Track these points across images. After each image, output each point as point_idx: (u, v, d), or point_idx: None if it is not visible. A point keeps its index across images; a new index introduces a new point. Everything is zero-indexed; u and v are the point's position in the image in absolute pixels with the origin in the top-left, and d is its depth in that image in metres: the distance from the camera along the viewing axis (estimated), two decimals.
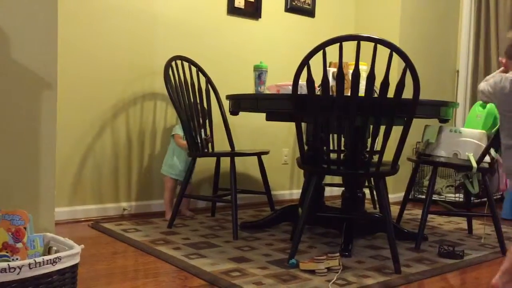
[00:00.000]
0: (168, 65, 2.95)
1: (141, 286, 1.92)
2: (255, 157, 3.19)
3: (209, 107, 3.16)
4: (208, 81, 3.22)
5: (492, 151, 2.58)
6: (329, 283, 1.98)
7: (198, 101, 3.07)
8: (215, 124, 3.24)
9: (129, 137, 3.20)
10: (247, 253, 2.40)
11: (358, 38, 2.05)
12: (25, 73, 1.71)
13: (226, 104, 3.03)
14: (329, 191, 4.08)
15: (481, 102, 2.80)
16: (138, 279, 2.00)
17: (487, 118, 2.63)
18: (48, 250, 1.67)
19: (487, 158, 2.57)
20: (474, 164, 2.51)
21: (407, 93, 2.13)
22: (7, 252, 1.55)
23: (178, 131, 3.12)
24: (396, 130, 2.34)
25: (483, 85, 2.06)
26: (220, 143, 3.35)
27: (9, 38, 1.67)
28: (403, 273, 2.16)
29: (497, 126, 2.57)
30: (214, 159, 3.28)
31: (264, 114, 2.83)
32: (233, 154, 2.89)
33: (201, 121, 3.04)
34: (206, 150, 3.04)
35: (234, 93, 2.76)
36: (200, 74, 3.20)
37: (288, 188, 4.04)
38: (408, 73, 2.06)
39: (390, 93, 2.13)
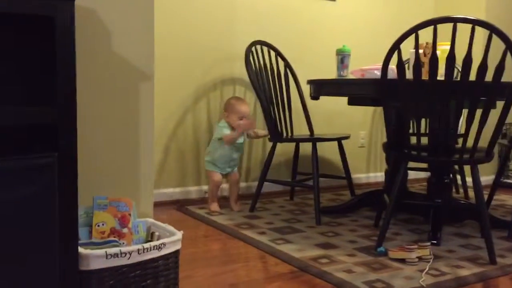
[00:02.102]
0: (248, 50, 2.96)
1: (237, 270, 1.97)
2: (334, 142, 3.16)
3: (288, 91, 3.15)
4: (287, 65, 3.21)
5: None
6: (421, 273, 1.94)
7: (277, 85, 3.07)
8: (292, 108, 3.22)
9: (210, 122, 3.26)
10: (332, 239, 2.40)
11: (453, 20, 1.96)
12: (125, 66, 1.77)
13: (304, 88, 3.01)
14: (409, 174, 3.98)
15: None
16: (231, 263, 2.05)
17: None
18: (150, 235, 1.74)
19: None
20: None
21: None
22: (115, 237, 1.63)
23: (225, 130, 2.94)
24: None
25: None
26: (298, 128, 3.34)
27: (110, 32, 1.73)
28: (499, 264, 2.08)
29: None
30: (292, 143, 3.28)
31: (342, 98, 2.79)
32: (314, 139, 2.88)
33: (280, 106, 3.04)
34: (286, 136, 3.05)
35: (312, 77, 2.74)
36: (279, 59, 3.19)
37: (365, 171, 3.98)
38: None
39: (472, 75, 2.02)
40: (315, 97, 2.69)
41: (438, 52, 2.43)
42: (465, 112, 2.17)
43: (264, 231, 2.50)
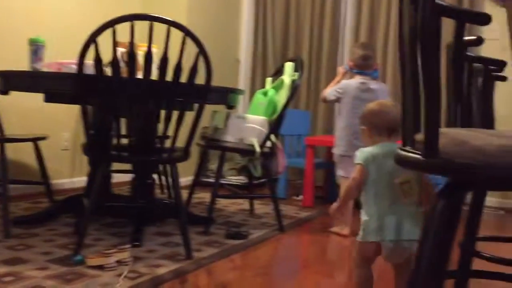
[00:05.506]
0: None
1: None
2: (30, 143, 2.83)
3: None
4: None
5: (272, 136, 2.77)
6: (119, 278, 1.86)
7: None
8: None
9: None
10: (22, 253, 2.10)
11: (151, 18, 1.95)
12: None
13: None
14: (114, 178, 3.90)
15: (262, 90, 2.99)
16: None
17: (269, 105, 2.82)
18: None
19: (268, 143, 2.75)
20: (258, 149, 2.66)
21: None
22: None
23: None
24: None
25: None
26: None
27: None
28: (195, 258, 2.17)
29: (276, 113, 2.77)
30: None
31: (40, 94, 2.51)
32: (2, 140, 2.50)
33: None
34: None
35: (3, 68, 2.38)
36: None
37: (69, 176, 3.72)
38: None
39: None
40: (3, 91, 2.34)
41: (140, 53, 2.42)
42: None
43: None
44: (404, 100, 0.81)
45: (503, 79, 1.83)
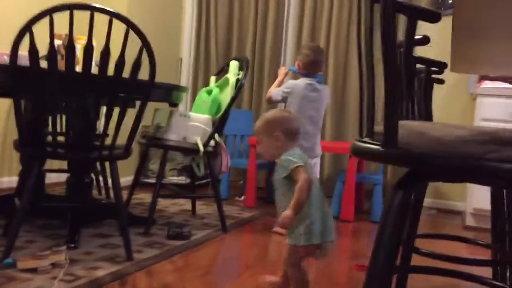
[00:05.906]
0: None
1: None
2: None
3: None
4: None
5: (216, 135, 2.73)
6: (55, 281, 1.76)
7: None
8: None
9: None
10: None
11: (92, 9, 1.86)
12: None
13: None
14: (47, 178, 3.70)
15: (206, 88, 2.95)
16: None
17: (213, 104, 2.78)
18: None
19: (212, 142, 2.71)
20: (201, 148, 2.61)
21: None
22: None
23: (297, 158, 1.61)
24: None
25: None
26: None
27: None
28: (135, 260, 2.10)
29: (221, 112, 2.74)
30: None
31: None
32: None
33: None
34: None
35: None
36: None
37: None
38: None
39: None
40: None
41: (78, 46, 2.32)
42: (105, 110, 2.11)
43: None
44: (362, 93, 0.82)
45: (441, 81, 1.90)
